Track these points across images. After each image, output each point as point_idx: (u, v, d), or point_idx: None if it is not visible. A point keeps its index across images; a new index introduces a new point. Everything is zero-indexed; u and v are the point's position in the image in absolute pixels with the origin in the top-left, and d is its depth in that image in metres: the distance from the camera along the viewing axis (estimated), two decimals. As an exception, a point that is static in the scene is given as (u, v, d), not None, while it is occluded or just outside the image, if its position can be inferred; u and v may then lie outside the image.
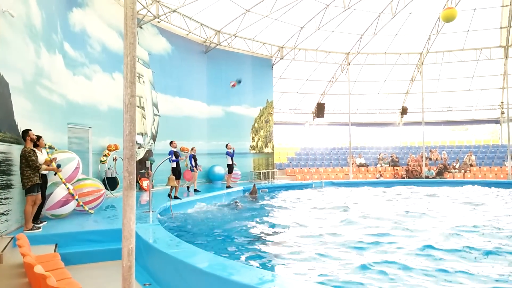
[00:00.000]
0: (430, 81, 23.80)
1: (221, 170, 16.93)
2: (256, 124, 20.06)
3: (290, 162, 23.58)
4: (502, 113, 23.58)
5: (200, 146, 16.31)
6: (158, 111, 15.08)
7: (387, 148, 25.74)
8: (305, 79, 23.65)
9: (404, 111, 25.06)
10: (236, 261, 4.77)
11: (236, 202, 9.59)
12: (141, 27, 14.20)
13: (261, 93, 20.15)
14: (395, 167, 22.97)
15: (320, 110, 23.73)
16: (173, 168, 11.22)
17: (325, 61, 22.32)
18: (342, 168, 23.25)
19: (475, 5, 19.44)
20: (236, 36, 18.26)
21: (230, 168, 14.86)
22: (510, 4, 19.13)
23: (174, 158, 11.10)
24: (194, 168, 13.66)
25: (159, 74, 15.13)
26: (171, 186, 9.71)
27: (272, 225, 8.19)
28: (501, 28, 20.81)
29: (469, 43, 21.90)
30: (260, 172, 19.56)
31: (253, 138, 19.95)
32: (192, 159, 13.67)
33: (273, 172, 20.33)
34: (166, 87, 15.51)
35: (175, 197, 10.62)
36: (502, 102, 23.59)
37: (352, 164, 22.53)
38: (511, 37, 21.03)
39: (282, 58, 20.66)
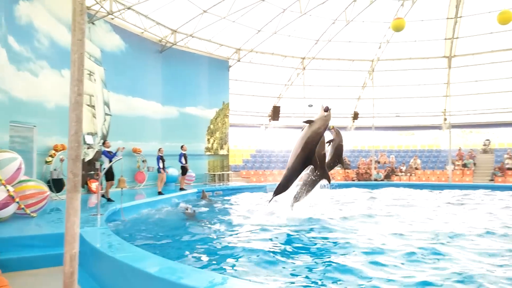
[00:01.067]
0: (380, 87, 24.80)
1: (174, 171, 16.65)
2: (211, 126, 19.95)
3: (245, 164, 23.67)
4: (445, 119, 25.03)
5: (154, 147, 15.94)
6: (109, 110, 14.60)
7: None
8: (262, 82, 23.85)
9: (355, 115, 25.93)
10: (186, 265, 4.70)
11: (187, 209, 9.47)
12: (93, 23, 13.70)
13: (217, 95, 20.08)
14: (346, 170, 23.71)
15: (275, 113, 24.02)
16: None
17: (281, 65, 22.64)
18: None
19: (422, 17, 20.56)
20: (193, 37, 18.08)
21: (184, 170, 14.67)
22: (454, 17, 20.40)
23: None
24: (162, 170, 13.38)
25: (112, 72, 14.66)
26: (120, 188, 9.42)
27: (225, 228, 8.17)
28: (445, 39, 22.12)
29: (416, 52, 23.09)
30: (214, 174, 19.46)
31: (208, 139, 19.82)
32: (160, 161, 13.37)
33: (228, 174, 20.30)
34: (118, 86, 15.05)
35: (108, 199, 10.32)
36: (445, 109, 25.05)
37: (306, 166, 22.97)
38: (454, 49, 22.42)
39: (239, 61, 20.73)
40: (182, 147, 14.66)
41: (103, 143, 11.43)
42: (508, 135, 31.60)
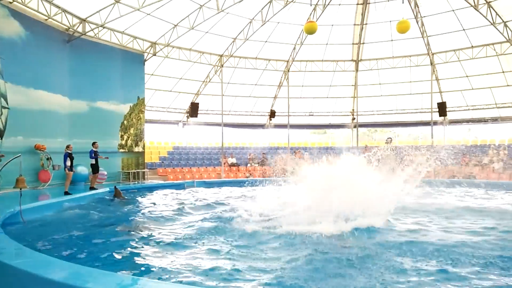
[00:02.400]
0: (295, 87, 25.83)
1: (84, 170, 15.60)
2: (125, 122, 19.06)
3: (162, 162, 23.06)
4: (353, 119, 26.93)
5: (60, 144, 14.77)
6: (7, 103, 13.18)
7: (257, 148, 27.13)
8: (179, 78, 23.39)
9: (272, 114, 26.70)
10: (93, 268, 4.42)
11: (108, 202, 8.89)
12: (-15, 5, 12.23)
13: (131, 89, 19.21)
14: (264, 167, 24.32)
15: (193, 109, 23.74)
16: None
17: (198, 61, 22.42)
18: (214, 167, 23.66)
19: (333, 21, 21.82)
20: (104, 27, 17.05)
21: (95, 168, 13.83)
22: (360, 24, 21.98)
23: None
24: (68, 169, 12.42)
25: (9, 61, 13.24)
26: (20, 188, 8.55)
27: (141, 227, 7.86)
28: (353, 44, 23.75)
29: (328, 55, 24.45)
30: (129, 172, 18.64)
31: (122, 136, 18.90)
32: (68, 159, 12.39)
33: (144, 172, 19.58)
34: (18, 77, 13.63)
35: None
36: (352, 110, 26.93)
37: (224, 164, 23.11)
38: (361, 53, 24.17)
39: (155, 55, 20.07)
40: (93, 144, 13.80)
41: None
42: (406, 134, 35.06)
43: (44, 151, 14.39)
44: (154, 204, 11.74)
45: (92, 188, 13.50)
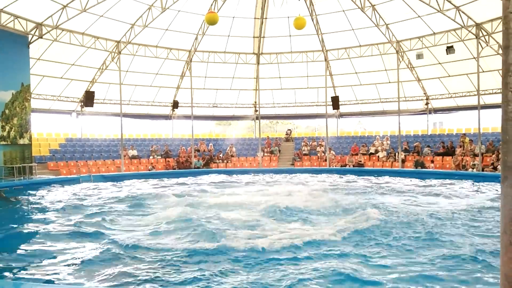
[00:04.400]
0: (198, 78, 25.59)
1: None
2: (7, 111, 16.99)
3: (54, 155, 21.13)
4: (255, 111, 27.66)
5: None
6: None
7: (160, 140, 26.40)
8: (71, 64, 21.54)
9: (175, 104, 26.13)
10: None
11: None
12: None
13: (13, 75, 17.12)
14: (167, 159, 23.79)
15: (89, 98, 22.10)
16: None
17: (93, 47, 20.89)
18: (113, 160, 22.44)
19: (234, 14, 22.05)
20: (-23, 3, 14.91)
21: None
22: (261, 18, 22.58)
23: None
24: None
25: None
26: None
27: (32, 228, 7.13)
28: (254, 37, 24.31)
29: (230, 46, 24.66)
30: (13, 167, 16.68)
31: (3, 127, 16.82)
32: None
33: (31, 167, 17.72)
34: None
35: None
36: (255, 102, 27.66)
37: (125, 156, 22.06)
38: (262, 46, 24.86)
39: (41, 37, 18.16)
40: None
41: None
42: (305, 126, 37.20)
43: None
44: (45, 200, 10.77)
45: None
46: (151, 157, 23.80)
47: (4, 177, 15.99)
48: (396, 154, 21.93)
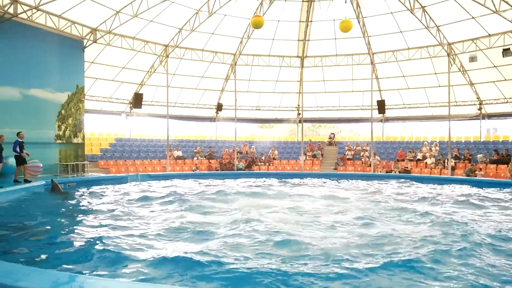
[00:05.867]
0: (242, 81, 25.85)
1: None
2: (63, 111, 18.01)
3: (104, 154, 22.12)
4: (298, 114, 27.52)
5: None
6: None
7: (204, 141, 26.91)
8: (122, 67, 22.48)
9: (219, 107, 26.55)
10: (25, 266, 4.16)
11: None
12: None
13: (69, 77, 18.14)
14: (210, 160, 24.19)
15: (137, 100, 22.94)
16: None
17: (142, 51, 21.68)
18: (159, 160, 23.13)
19: (279, 17, 22.07)
20: (38, 9, 15.88)
21: (19, 159, 12.92)
22: (306, 21, 22.45)
23: None
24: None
25: None
26: None
27: (81, 224, 7.49)
28: (298, 40, 24.21)
29: (274, 50, 24.72)
30: (67, 165, 17.65)
31: (59, 126, 17.84)
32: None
33: (84, 165, 18.66)
34: None
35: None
36: (298, 105, 27.53)
37: (170, 156, 22.66)
38: (306, 49, 24.70)
39: (95, 42, 19.09)
40: (18, 134, 12.89)
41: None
42: (348, 130, 36.53)
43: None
44: (96, 198, 11.26)
45: (16, 181, 12.62)
46: (195, 158, 24.30)
47: (59, 174, 16.94)
48: (446, 161, 20.98)
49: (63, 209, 9.11)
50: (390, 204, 9.82)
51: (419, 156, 23.04)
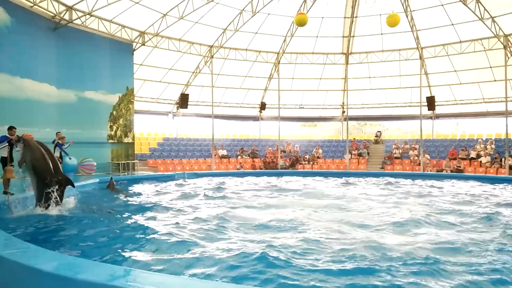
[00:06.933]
0: (285, 79, 25.77)
1: (73, 161, 15.40)
2: (114, 112, 18.84)
3: (152, 153, 22.89)
4: (343, 112, 27.03)
5: (48, 134, 14.51)
6: (-8, 92, 12.90)
7: (248, 140, 27.12)
8: (168, 68, 23.15)
9: (262, 106, 26.64)
10: (84, 259, 4.38)
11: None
12: (-30, -9, 11.89)
13: (120, 79, 18.95)
14: (254, 159, 24.34)
15: (183, 101, 23.53)
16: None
17: (188, 52, 22.19)
18: (205, 159, 23.58)
19: (323, 14, 21.76)
20: (91, 15, 16.72)
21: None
22: (351, 17, 21.97)
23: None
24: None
25: (-5, 49, 12.92)
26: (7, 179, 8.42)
27: (134, 220, 7.79)
28: (343, 37, 23.74)
29: (318, 47, 24.42)
30: (119, 163, 18.46)
31: (111, 127, 18.68)
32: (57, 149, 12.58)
33: (134, 163, 19.44)
34: (3, 65, 13.34)
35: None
36: (343, 103, 27.03)
37: (215, 155, 23.05)
38: (351, 46, 24.19)
39: (144, 44, 19.80)
40: (57, 134, 13.41)
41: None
42: (396, 128, 35.35)
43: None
44: (145, 195, 11.68)
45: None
46: (239, 157, 24.55)
47: (111, 172, 17.76)
48: (503, 159, 19.76)
49: (117, 205, 9.52)
50: (447, 206, 9.36)
51: (473, 154, 21.86)
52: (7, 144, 9.31)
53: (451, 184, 15.17)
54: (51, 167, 7.60)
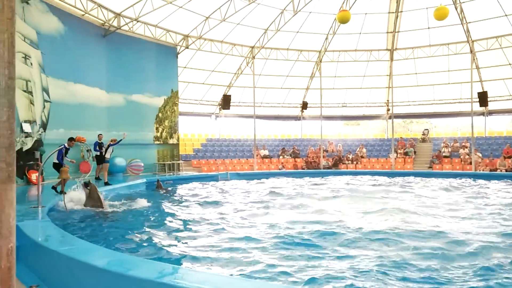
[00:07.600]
0: (327, 78, 25.41)
1: (122, 161, 16.09)
2: (160, 114, 19.44)
3: (196, 154, 23.40)
4: (388, 110, 26.24)
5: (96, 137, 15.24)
6: (49, 97, 13.72)
7: (289, 140, 27.03)
8: (211, 70, 23.55)
9: (304, 105, 26.44)
10: (135, 256, 4.56)
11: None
12: (27, 2, 12.71)
13: (165, 82, 19.54)
14: (296, 159, 24.22)
15: (226, 102, 23.85)
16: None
17: (230, 53, 22.46)
18: (247, 159, 23.78)
19: (366, 10, 21.24)
20: (138, 21, 17.37)
21: (100, 159, 13.54)
22: (395, 11, 21.29)
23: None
24: (107, 160, 13.31)
25: (50, 56, 13.73)
26: (63, 179, 8.94)
27: (181, 219, 8.00)
28: (387, 32, 23.06)
29: (361, 44, 23.88)
30: (164, 164, 19.04)
31: (157, 128, 19.30)
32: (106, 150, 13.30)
33: (178, 164, 19.96)
34: (58, 71, 14.15)
35: (59, 191, 9.61)
36: (387, 100, 26.24)
37: (257, 155, 23.17)
38: (396, 42, 23.44)
39: (187, 47, 20.28)
40: (99, 136, 13.77)
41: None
42: (444, 125, 33.81)
43: (84, 143, 14.89)
44: (193, 195, 11.95)
45: (97, 179, 13.63)
46: (281, 157, 24.52)
47: (157, 172, 18.35)
48: None
49: (165, 205, 9.81)
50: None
51: (531, 153, 20.49)
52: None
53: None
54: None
